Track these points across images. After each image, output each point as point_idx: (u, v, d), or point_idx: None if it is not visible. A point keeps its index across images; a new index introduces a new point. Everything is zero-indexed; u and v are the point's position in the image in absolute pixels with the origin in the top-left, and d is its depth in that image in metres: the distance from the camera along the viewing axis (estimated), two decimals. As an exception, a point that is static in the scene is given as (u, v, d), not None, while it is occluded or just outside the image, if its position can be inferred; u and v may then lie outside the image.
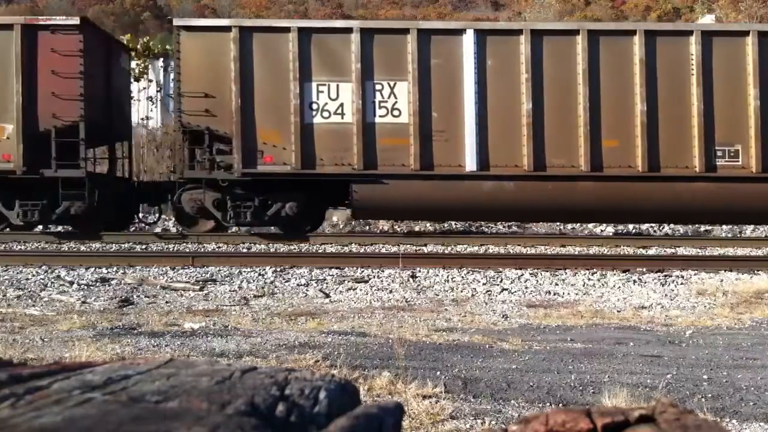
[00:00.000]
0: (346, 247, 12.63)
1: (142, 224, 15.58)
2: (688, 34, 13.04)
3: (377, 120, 12.92)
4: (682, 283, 9.26)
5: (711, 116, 12.90)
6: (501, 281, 9.30)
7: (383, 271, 9.88)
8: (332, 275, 9.65)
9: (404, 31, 13.07)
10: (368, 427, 0.86)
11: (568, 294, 8.49)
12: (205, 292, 8.40)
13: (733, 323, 6.61)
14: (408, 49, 12.88)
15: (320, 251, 12.11)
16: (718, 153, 12.95)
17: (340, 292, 8.49)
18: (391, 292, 8.47)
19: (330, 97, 12.94)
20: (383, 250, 12.16)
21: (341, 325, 6.27)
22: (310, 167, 12.90)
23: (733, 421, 3.72)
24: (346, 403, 0.93)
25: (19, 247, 12.48)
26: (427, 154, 12.86)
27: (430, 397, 3.93)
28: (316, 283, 9.11)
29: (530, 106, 12.83)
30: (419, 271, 9.91)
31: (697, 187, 12.92)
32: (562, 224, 16.57)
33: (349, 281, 9.17)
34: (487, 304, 7.72)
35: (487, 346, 5.39)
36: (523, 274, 9.74)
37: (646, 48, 12.87)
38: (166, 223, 16.02)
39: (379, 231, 14.42)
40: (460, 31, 13.09)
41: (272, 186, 13.07)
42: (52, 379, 0.91)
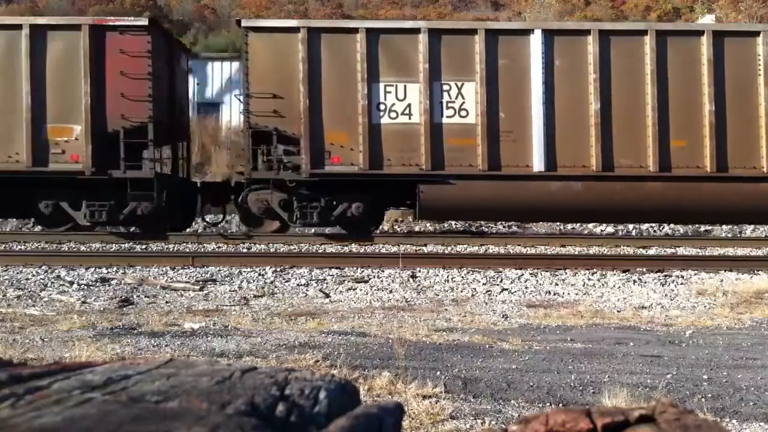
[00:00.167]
0: (346, 247, 12.64)
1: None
2: (755, 35, 13.10)
3: (444, 120, 12.95)
4: (682, 283, 9.27)
5: None
6: (501, 281, 9.30)
7: (383, 271, 9.89)
8: (332, 275, 9.65)
9: (472, 32, 13.07)
10: (368, 427, 0.86)
11: (568, 294, 8.49)
12: (205, 292, 8.40)
13: (733, 323, 6.61)
14: (475, 49, 12.89)
15: (320, 251, 12.12)
16: None
17: (340, 292, 8.49)
18: (391, 292, 8.47)
19: (397, 98, 12.97)
20: (383, 250, 12.17)
21: (341, 325, 6.27)
22: (378, 168, 12.95)
23: (733, 421, 3.72)
24: (346, 403, 0.93)
25: (19, 247, 12.49)
26: (495, 154, 12.88)
27: (430, 397, 3.93)
28: (316, 283, 9.11)
29: (598, 106, 12.83)
30: (419, 271, 9.91)
31: (765, 188, 12.91)
32: (562, 224, 16.56)
33: (349, 281, 9.17)
34: (487, 304, 7.72)
35: (487, 346, 5.39)
36: (523, 274, 9.74)
37: (714, 48, 12.87)
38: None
39: (379, 231, 14.41)
40: (528, 32, 13.11)
41: (338, 186, 13.10)
42: (52, 379, 0.91)
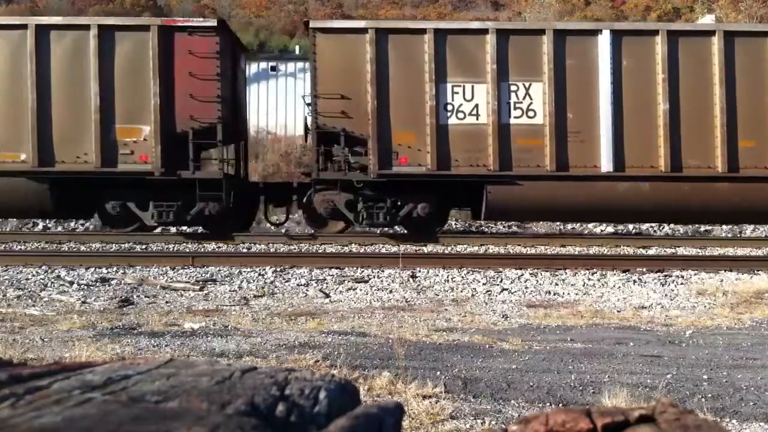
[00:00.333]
0: (346, 247, 12.65)
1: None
2: None
3: (512, 121, 12.92)
4: (682, 283, 9.27)
5: None
6: (501, 281, 9.30)
7: (383, 271, 9.89)
8: (332, 275, 9.65)
9: (540, 32, 13.06)
10: (368, 427, 0.86)
11: (568, 294, 8.49)
12: (205, 292, 8.40)
13: (733, 323, 6.61)
14: (543, 50, 12.87)
15: (320, 251, 12.12)
16: None
17: (340, 292, 8.49)
18: (391, 292, 8.48)
19: (465, 99, 12.95)
20: (383, 250, 12.17)
21: (341, 325, 6.27)
22: (445, 168, 12.92)
23: (733, 421, 3.72)
24: (346, 403, 0.93)
25: (19, 247, 12.49)
26: (562, 154, 12.86)
27: (430, 397, 3.93)
28: (316, 283, 9.11)
29: (667, 106, 12.81)
30: (419, 271, 9.91)
31: None
32: (562, 224, 16.57)
33: (349, 281, 9.17)
34: (487, 304, 7.72)
35: (487, 346, 5.39)
36: (523, 274, 9.75)
37: None
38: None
39: (378, 231, 14.42)
40: (596, 32, 13.09)
41: (404, 187, 13.10)
42: (52, 379, 0.91)
